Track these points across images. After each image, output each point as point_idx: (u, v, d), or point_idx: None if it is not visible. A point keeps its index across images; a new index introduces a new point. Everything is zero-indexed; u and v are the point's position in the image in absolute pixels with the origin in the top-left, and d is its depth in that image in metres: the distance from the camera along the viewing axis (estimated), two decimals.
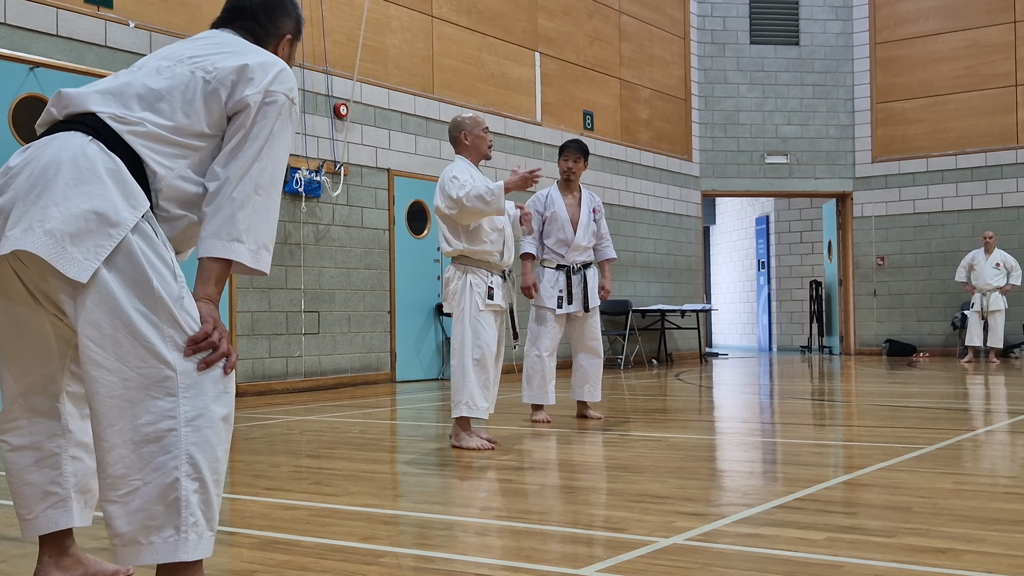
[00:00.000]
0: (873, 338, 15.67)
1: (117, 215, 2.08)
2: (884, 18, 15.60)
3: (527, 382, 6.54)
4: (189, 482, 2.08)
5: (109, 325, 2.06)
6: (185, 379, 2.09)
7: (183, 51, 2.36)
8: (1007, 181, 14.66)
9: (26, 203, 2.08)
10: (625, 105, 14.05)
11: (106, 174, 2.11)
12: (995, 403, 7.87)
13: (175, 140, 2.22)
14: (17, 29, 7.33)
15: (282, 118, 2.28)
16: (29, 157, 2.18)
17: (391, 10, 10.52)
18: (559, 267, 6.64)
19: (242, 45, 2.39)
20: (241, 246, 2.19)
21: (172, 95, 2.25)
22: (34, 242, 2.03)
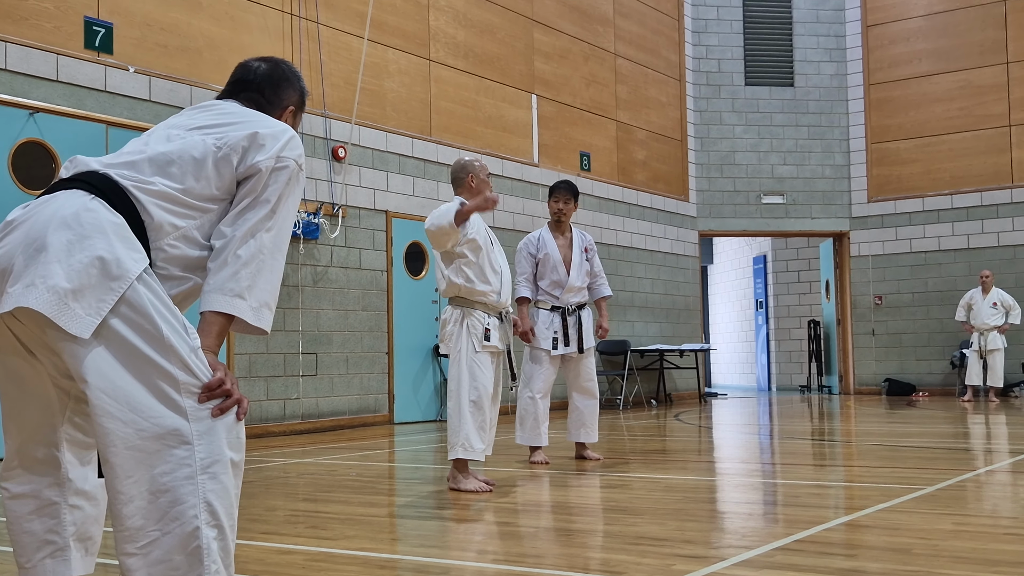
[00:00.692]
0: (872, 377, 15.65)
1: (119, 268, 2.08)
2: (877, 60, 15.75)
3: (520, 423, 6.51)
4: (209, 529, 2.07)
5: (120, 376, 2.06)
6: (199, 426, 2.09)
7: (192, 120, 2.41)
8: (1003, 220, 14.72)
9: (26, 258, 2.08)
10: (621, 146, 14.14)
11: (109, 228, 2.12)
12: (995, 443, 7.84)
13: (184, 200, 2.25)
14: (17, 75, 7.39)
15: (291, 183, 2.34)
16: (30, 212, 2.18)
17: (389, 54, 10.62)
18: (554, 308, 6.64)
19: (250, 114, 2.44)
20: (243, 303, 2.22)
21: (183, 159, 2.28)
22: (36, 299, 2.03)
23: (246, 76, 2.60)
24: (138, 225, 2.18)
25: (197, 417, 2.09)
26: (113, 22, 8.06)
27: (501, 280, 5.38)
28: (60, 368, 2.22)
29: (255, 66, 2.62)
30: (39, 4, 7.59)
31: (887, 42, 15.71)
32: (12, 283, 2.07)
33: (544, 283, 6.64)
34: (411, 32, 10.92)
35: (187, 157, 2.28)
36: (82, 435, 2.37)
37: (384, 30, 10.57)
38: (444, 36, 11.32)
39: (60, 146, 7.50)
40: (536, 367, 6.55)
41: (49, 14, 7.65)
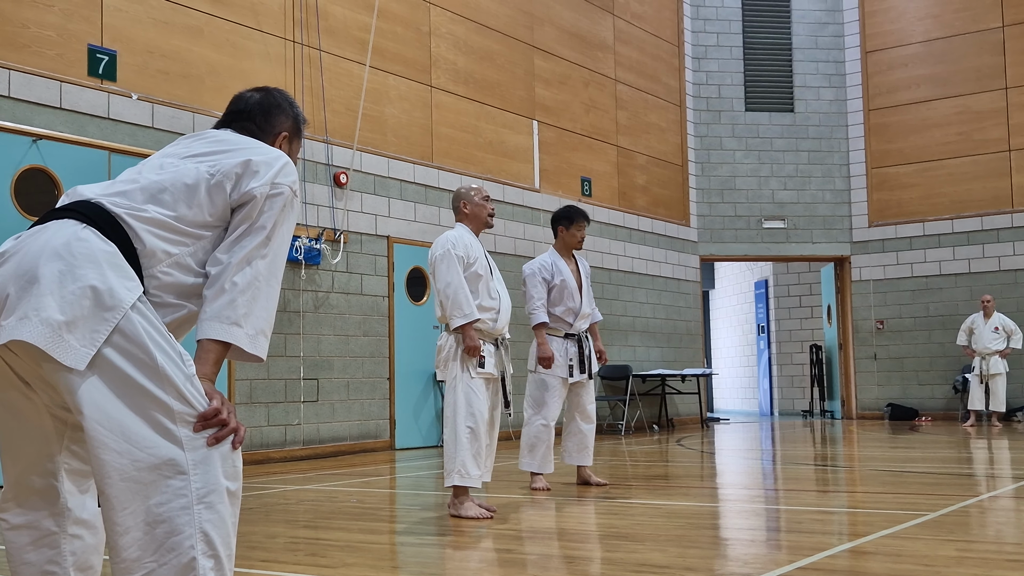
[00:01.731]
0: (874, 402, 15.60)
1: (113, 298, 2.07)
2: (876, 86, 15.82)
3: (530, 450, 6.46)
4: (205, 560, 2.06)
5: (115, 407, 2.05)
6: (194, 455, 2.08)
7: (187, 149, 2.42)
8: (1004, 245, 14.73)
9: (19, 290, 2.08)
10: (622, 171, 14.18)
11: (102, 257, 2.11)
12: (999, 468, 7.81)
13: (177, 227, 2.24)
14: (20, 102, 7.43)
15: (286, 209, 2.34)
16: (21, 243, 2.17)
17: (390, 80, 10.68)
18: (567, 336, 6.62)
19: (244, 141, 2.44)
20: (240, 330, 2.21)
21: (175, 186, 2.28)
22: (30, 332, 2.03)
23: (239, 106, 2.62)
24: (131, 253, 2.17)
25: (193, 447, 2.08)
26: (116, 49, 8.11)
27: (499, 307, 5.38)
28: (56, 400, 2.21)
29: (248, 96, 2.65)
30: (42, 32, 7.64)
31: (886, 68, 15.78)
32: (6, 316, 2.06)
33: (559, 310, 6.59)
34: (412, 58, 10.98)
35: (179, 184, 2.28)
36: (80, 463, 2.36)
37: (385, 56, 10.63)
38: (445, 62, 11.38)
39: (62, 173, 7.53)
40: (549, 394, 6.50)
41: (52, 42, 7.70)
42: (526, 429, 6.51)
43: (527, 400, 6.59)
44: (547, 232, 12.59)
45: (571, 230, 6.71)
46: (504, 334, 5.48)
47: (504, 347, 5.48)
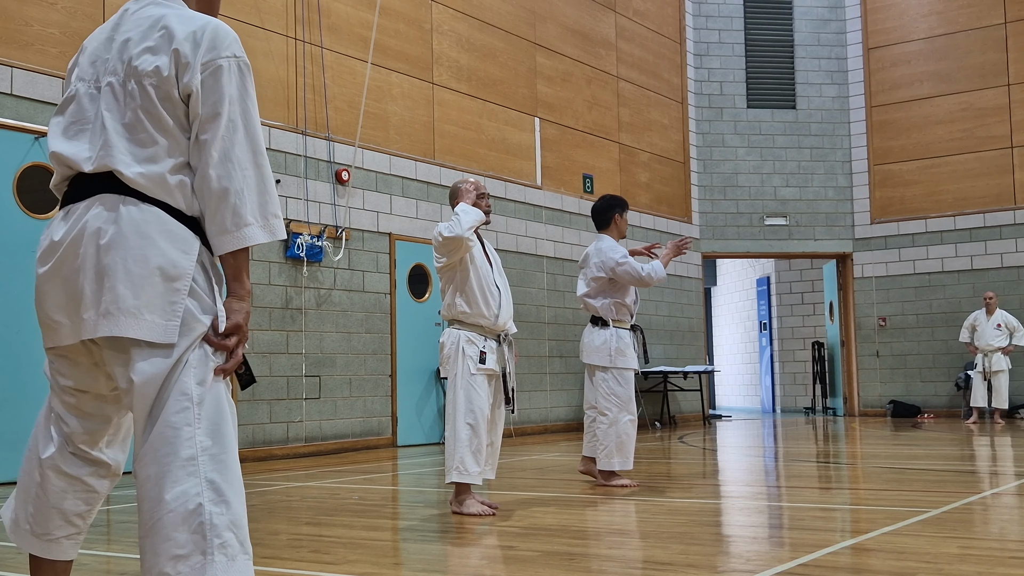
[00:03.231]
0: (877, 399, 15.60)
1: (176, 268, 2.17)
2: (879, 82, 15.80)
3: (619, 449, 6.25)
4: (213, 506, 2.12)
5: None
6: (200, 409, 2.16)
7: (114, 52, 2.31)
8: (1006, 242, 14.72)
9: (92, 284, 2.17)
10: (624, 169, 14.17)
11: (153, 231, 2.18)
12: (1001, 465, 7.81)
13: (174, 163, 2.24)
14: (22, 99, 7.43)
15: (232, 81, 2.23)
16: (67, 229, 2.24)
17: (392, 78, 10.67)
18: (632, 327, 6.57)
19: (166, 16, 2.29)
20: (249, 228, 2.21)
21: (141, 123, 2.24)
22: (116, 325, 2.14)
23: None
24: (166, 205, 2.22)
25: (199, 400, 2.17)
26: None
27: (500, 303, 5.37)
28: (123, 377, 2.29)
29: None
30: (44, 30, 7.65)
31: (888, 64, 15.76)
32: (86, 310, 2.18)
33: (628, 299, 6.50)
34: (414, 56, 10.97)
35: (142, 117, 2.23)
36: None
37: (387, 54, 10.63)
38: (447, 60, 11.37)
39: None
40: (628, 388, 6.36)
41: (55, 39, 7.70)
42: (612, 428, 6.27)
43: (607, 399, 6.33)
44: (548, 229, 12.60)
45: (624, 216, 6.62)
46: (507, 330, 5.46)
47: (508, 343, 5.46)
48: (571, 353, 12.82)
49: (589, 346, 6.48)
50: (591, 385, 6.52)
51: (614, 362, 6.36)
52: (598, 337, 6.44)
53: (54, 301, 2.26)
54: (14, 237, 7.22)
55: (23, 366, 7.15)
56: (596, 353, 6.41)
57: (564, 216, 12.93)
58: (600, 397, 6.40)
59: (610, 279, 6.42)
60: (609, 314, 6.46)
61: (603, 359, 6.39)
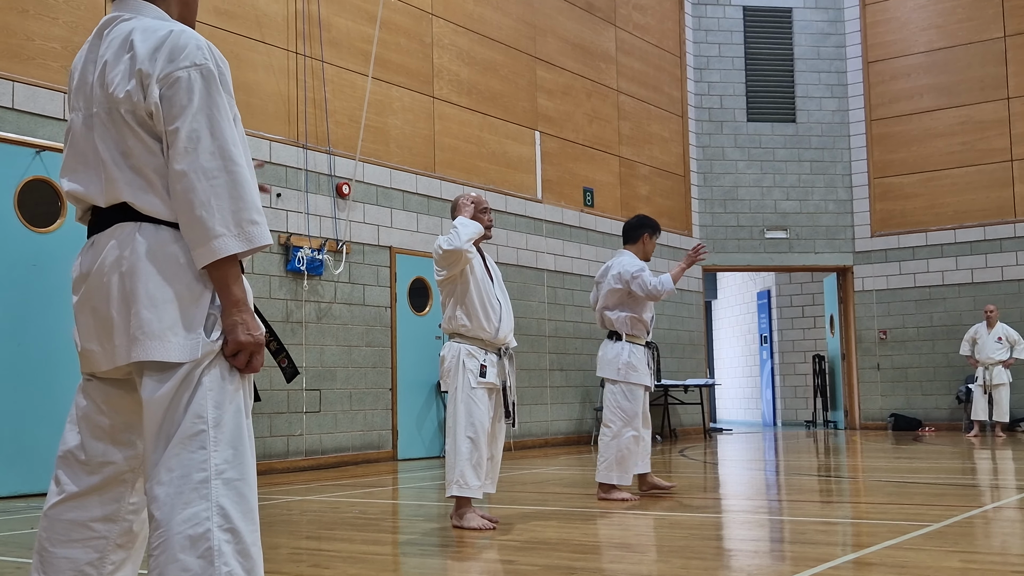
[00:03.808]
0: (878, 412, 15.58)
1: (193, 290, 2.19)
2: (879, 95, 15.84)
3: (619, 462, 6.28)
4: (222, 532, 2.11)
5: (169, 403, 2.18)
6: (217, 432, 2.15)
7: (96, 79, 2.29)
8: (1006, 255, 14.72)
9: (119, 312, 2.21)
10: (625, 182, 14.19)
11: (169, 254, 2.20)
12: (1003, 478, 7.79)
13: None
14: (24, 113, 7.45)
15: (193, 91, 2.17)
16: (91, 259, 2.29)
17: (393, 92, 10.70)
18: (647, 344, 6.58)
19: (133, 31, 2.25)
20: (220, 240, 2.14)
21: (132, 150, 2.23)
22: (145, 350, 2.16)
23: None
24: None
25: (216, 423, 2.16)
26: None
27: (501, 316, 5.36)
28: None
29: None
30: (46, 44, 7.67)
31: (888, 78, 15.80)
32: (117, 337, 2.21)
33: (646, 315, 6.57)
34: (415, 70, 11.00)
35: (131, 144, 2.22)
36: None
37: (388, 68, 10.65)
38: (448, 73, 11.40)
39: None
40: (636, 404, 6.38)
41: (56, 54, 7.72)
42: (614, 442, 6.31)
43: (612, 412, 6.38)
44: (549, 242, 12.60)
45: (654, 239, 6.74)
46: (508, 343, 5.46)
47: (508, 357, 5.45)
48: (571, 366, 12.81)
49: (603, 359, 6.55)
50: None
51: (624, 376, 6.40)
52: (611, 350, 6.50)
53: (87, 330, 2.29)
54: (15, 251, 7.23)
55: (23, 378, 7.14)
56: (608, 366, 6.48)
57: (565, 229, 12.94)
58: (606, 409, 6.45)
59: (628, 292, 6.49)
60: (624, 328, 6.52)
61: (613, 372, 6.44)
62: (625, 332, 6.51)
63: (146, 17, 2.31)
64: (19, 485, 7.03)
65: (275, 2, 9.52)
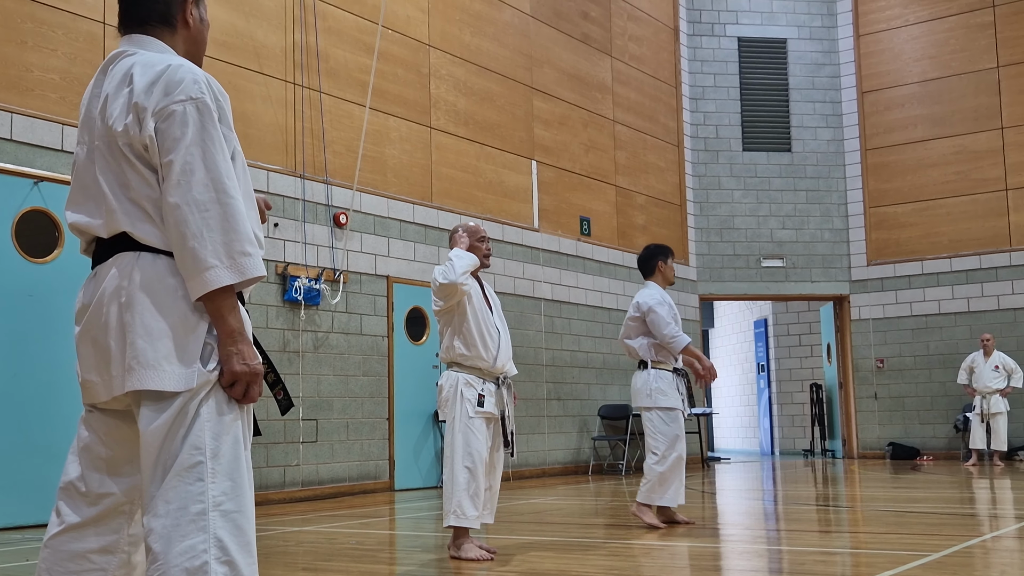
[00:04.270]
0: (876, 441, 15.54)
1: (189, 320, 2.20)
2: (873, 125, 15.93)
3: (661, 484, 6.29)
4: (219, 565, 2.10)
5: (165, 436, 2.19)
6: (215, 464, 2.14)
7: (98, 112, 2.32)
8: (1002, 283, 14.76)
9: (117, 341, 2.21)
10: (621, 211, 14.24)
11: (167, 285, 2.21)
12: (1002, 508, 7.77)
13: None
14: (22, 144, 7.48)
15: (188, 124, 2.19)
16: (93, 290, 2.30)
17: (390, 122, 10.75)
18: (675, 370, 6.58)
19: (134, 65, 2.28)
20: (212, 271, 2.14)
21: (130, 183, 2.25)
22: (139, 380, 2.17)
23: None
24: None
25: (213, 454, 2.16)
26: None
27: (499, 345, 5.36)
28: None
29: None
30: (45, 75, 7.71)
31: (883, 108, 15.90)
32: (114, 367, 2.22)
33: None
34: (412, 100, 11.06)
35: (130, 176, 2.24)
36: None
37: (386, 98, 10.71)
38: (445, 104, 11.47)
39: (64, 215, 7.55)
40: (676, 427, 6.39)
41: (54, 85, 7.76)
42: (658, 466, 6.31)
43: (654, 438, 6.39)
44: (546, 271, 12.62)
45: (669, 263, 6.76)
46: (506, 372, 5.45)
47: (506, 386, 5.44)
48: (569, 396, 12.79)
49: (633, 389, 6.60)
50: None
51: (656, 401, 6.42)
52: (639, 379, 6.55)
53: (87, 361, 2.31)
54: (12, 282, 7.23)
55: (20, 409, 7.11)
56: (638, 395, 6.52)
57: (561, 258, 12.97)
58: (648, 437, 6.47)
59: (644, 321, 6.54)
60: (648, 354, 6.54)
61: (644, 399, 6.47)
62: (650, 359, 6.53)
63: (149, 52, 2.34)
64: (16, 516, 6.99)
65: (273, 33, 9.58)
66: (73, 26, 7.92)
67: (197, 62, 2.42)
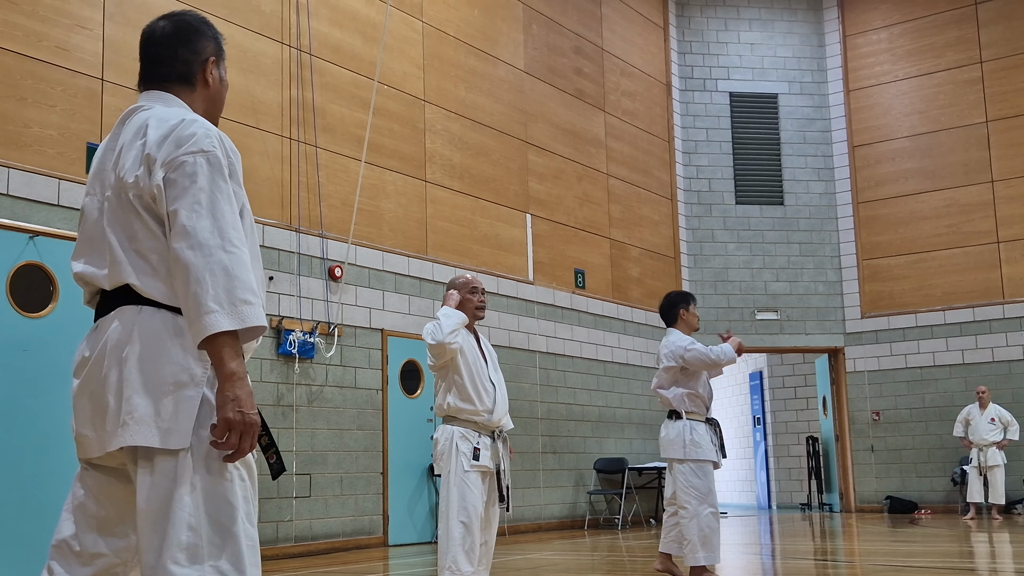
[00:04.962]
0: (873, 495, 15.45)
1: (187, 375, 2.19)
2: (865, 179, 16.07)
3: (703, 543, 6.14)
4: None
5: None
6: (210, 545, 2.15)
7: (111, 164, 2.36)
8: (996, 336, 14.78)
9: (115, 396, 2.20)
10: (616, 264, 14.29)
11: (167, 339, 2.21)
12: (1001, 561, 7.70)
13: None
14: (19, 199, 7.51)
15: (197, 174, 2.21)
16: (94, 343, 2.30)
17: (386, 176, 10.83)
18: (708, 421, 6.50)
19: (149, 119, 2.32)
20: (211, 316, 2.13)
21: (138, 235, 2.27)
22: (132, 435, 2.16)
23: (151, 49, 2.43)
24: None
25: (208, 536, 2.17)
26: None
27: (495, 399, 5.33)
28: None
29: (159, 27, 2.44)
30: (43, 131, 7.77)
31: (873, 162, 16.05)
32: (110, 422, 2.20)
33: (703, 390, 6.50)
34: (408, 154, 11.15)
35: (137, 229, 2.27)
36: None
37: (381, 152, 10.80)
38: (440, 158, 11.56)
39: (59, 269, 7.57)
40: (709, 480, 6.28)
41: (52, 140, 7.82)
42: (694, 522, 6.18)
43: (686, 492, 6.28)
44: (541, 324, 12.63)
45: (691, 310, 6.75)
46: (503, 426, 5.40)
47: (502, 440, 5.40)
48: (564, 449, 12.73)
49: (665, 440, 6.48)
50: (671, 479, 6.47)
51: (689, 454, 6.31)
52: (672, 430, 6.45)
53: (83, 415, 2.30)
54: (6, 337, 7.21)
55: (12, 464, 7.06)
56: (671, 446, 6.40)
57: (556, 311, 12.98)
58: (679, 490, 6.34)
59: (682, 368, 6.46)
60: (682, 405, 6.46)
61: (678, 452, 6.36)
62: (684, 409, 6.45)
63: (165, 107, 2.38)
64: (10, 574, 6.90)
65: (270, 89, 9.68)
66: (72, 83, 8.00)
67: (214, 121, 2.47)
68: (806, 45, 16.63)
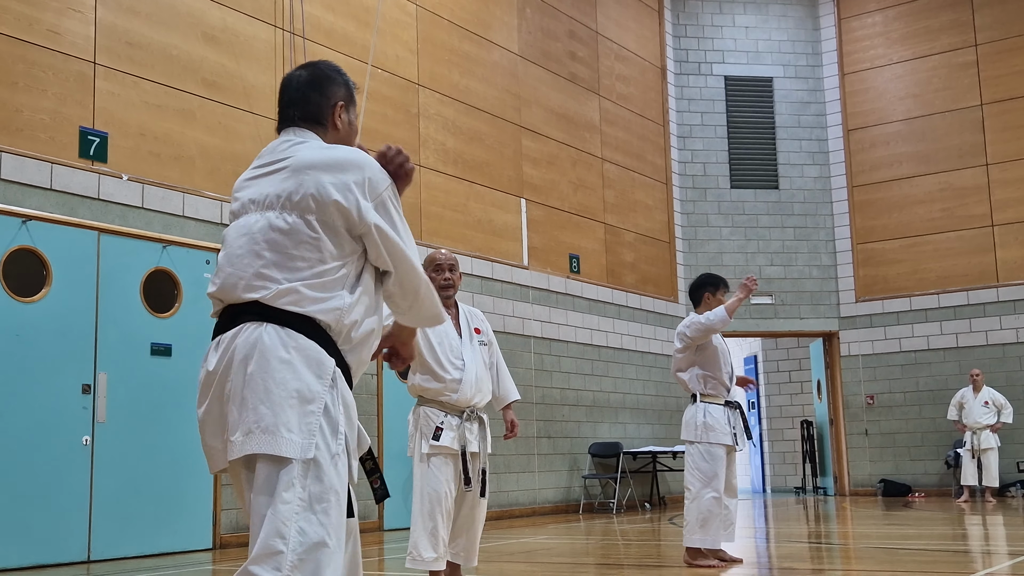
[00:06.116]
0: (867, 478, 15.51)
1: (310, 391, 2.32)
2: (859, 163, 16.06)
3: (701, 525, 6.12)
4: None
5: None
6: (295, 555, 2.24)
7: (268, 186, 2.49)
8: (990, 319, 14.82)
9: (238, 407, 2.31)
10: (610, 249, 14.28)
11: (292, 355, 2.32)
12: (994, 544, 7.74)
13: (323, 283, 2.38)
14: (11, 184, 7.47)
15: (389, 204, 2.57)
16: (222, 357, 2.38)
17: None
18: (727, 403, 6.44)
19: (315, 159, 2.50)
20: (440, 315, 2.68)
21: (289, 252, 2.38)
22: (258, 443, 2.27)
23: (288, 96, 2.68)
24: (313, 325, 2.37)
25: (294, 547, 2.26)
26: (108, 132, 8.19)
27: (462, 377, 5.09)
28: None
29: (297, 76, 2.70)
30: (35, 116, 7.73)
31: (868, 146, 16.04)
32: (233, 432, 2.32)
33: (719, 372, 6.42)
34: (402, 139, 11.11)
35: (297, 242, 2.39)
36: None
37: (375, 137, 10.75)
38: (434, 143, 11.52)
39: (52, 253, 7.54)
40: (717, 464, 6.24)
41: (45, 125, 7.78)
42: (694, 504, 6.17)
43: (693, 473, 6.27)
44: (535, 309, 12.62)
45: (717, 296, 6.63)
46: (474, 405, 5.14)
47: (478, 421, 5.16)
48: (559, 434, 12.74)
49: (684, 422, 6.46)
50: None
51: (700, 437, 6.28)
52: (689, 412, 6.43)
53: (211, 428, 2.41)
54: (0, 322, 7.19)
55: (6, 450, 7.04)
56: (685, 428, 6.40)
57: (551, 296, 12.97)
58: (686, 471, 6.34)
59: (694, 349, 6.42)
60: (697, 387, 6.42)
61: (690, 433, 6.35)
62: (699, 392, 6.41)
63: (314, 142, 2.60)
64: (11, 558, 6.90)
65: (263, 73, 9.63)
66: (64, 67, 7.95)
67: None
68: (801, 29, 16.60)
